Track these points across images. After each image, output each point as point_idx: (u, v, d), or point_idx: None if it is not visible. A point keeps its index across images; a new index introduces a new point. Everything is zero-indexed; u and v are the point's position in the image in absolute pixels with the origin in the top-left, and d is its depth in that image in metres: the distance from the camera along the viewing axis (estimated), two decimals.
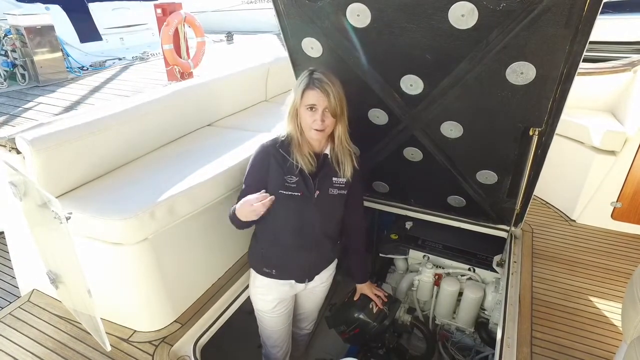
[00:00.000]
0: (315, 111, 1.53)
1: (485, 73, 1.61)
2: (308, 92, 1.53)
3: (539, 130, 1.72)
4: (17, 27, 5.74)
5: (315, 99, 1.52)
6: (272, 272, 1.76)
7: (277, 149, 1.60)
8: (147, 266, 1.66)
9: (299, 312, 2.09)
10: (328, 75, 1.55)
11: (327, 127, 1.57)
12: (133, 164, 1.97)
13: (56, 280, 1.80)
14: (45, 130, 1.57)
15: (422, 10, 1.51)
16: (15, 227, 1.98)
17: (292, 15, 1.80)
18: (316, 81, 1.52)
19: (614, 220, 2.33)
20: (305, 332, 2.23)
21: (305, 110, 1.54)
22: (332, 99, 1.52)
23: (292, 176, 1.59)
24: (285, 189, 1.59)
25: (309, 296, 1.99)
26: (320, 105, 1.52)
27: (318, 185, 1.63)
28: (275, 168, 1.60)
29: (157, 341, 1.74)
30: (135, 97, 2.11)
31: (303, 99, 1.54)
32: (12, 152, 1.56)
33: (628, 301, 1.10)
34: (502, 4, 1.37)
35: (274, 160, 1.60)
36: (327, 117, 1.55)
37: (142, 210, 1.55)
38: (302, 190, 1.61)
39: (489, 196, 2.17)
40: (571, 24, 1.34)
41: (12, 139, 1.53)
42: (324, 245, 1.79)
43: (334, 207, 1.73)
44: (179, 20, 5.36)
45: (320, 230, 1.72)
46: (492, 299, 2.25)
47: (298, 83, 1.57)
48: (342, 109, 1.59)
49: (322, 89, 1.51)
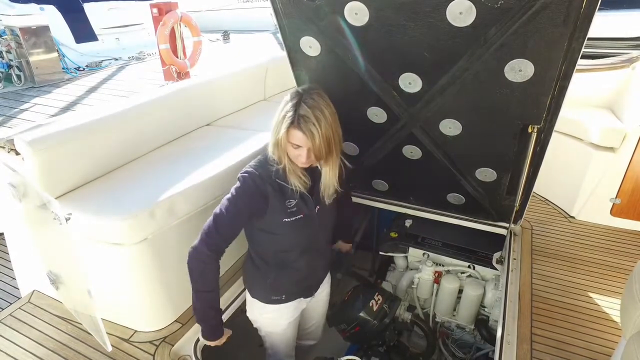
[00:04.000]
0: (301, 149, 1.40)
1: (484, 70, 1.61)
2: (292, 130, 1.37)
3: (538, 127, 1.72)
4: (11, 28, 5.71)
5: (298, 140, 1.38)
6: (282, 297, 1.69)
7: (274, 180, 1.47)
8: (147, 266, 1.66)
9: (308, 325, 2.08)
10: (317, 108, 1.37)
11: (313, 162, 1.46)
12: (132, 164, 1.97)
13: (56, 281, 1.80)
14: (44, 131, 1.57)
15: (420, 8, 1.51)
16: (15, 228, 1.98)
17: (290, 15, 1.79)
18: (301, 120, 1.35)
19: (613, 216, 2.34)
20: (311, 343, 2.21)
21: (289, 146, 1.41)
22: (317, 141, 1.36)
23: (292, 200, 1.50)
24: (288, 215, 1.50)
25: (316, 305, 1.98)
26: (304, 145, 1.39)
27: (315, 200, 1.58)
28: (275, 198, 1.47)
29: (158, 341, 1.74)
30: (133, 97, 2.11)
31: (288, 135, 1.39)
32: (11, 153, 1.56)
33: (627, 297, 1.10)
34: (500, 2, 1.37)
35: (272, 190, 1.47)
36: (311, 156, 1.42)
37: (141, 210, 1.55)
38: (304, 211, 1.53)
39: (488, 194, 2.18)
40: (569, 21, 1.35)
41: (10, 140, 1.53)
42: (327, 252, 1.80)
43: (333, 214, 1.71)
44: (175, 20, 5.35)
45: (324, 241, 1.74)
46: (492, 296, 2.26)
47: (284, 113, 1.39)
48: (329, 148, 1.41)
49: (307, 130, 1.35)
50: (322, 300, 2.00)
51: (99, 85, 6.01)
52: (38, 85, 5.96)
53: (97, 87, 5.92)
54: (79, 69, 6.89)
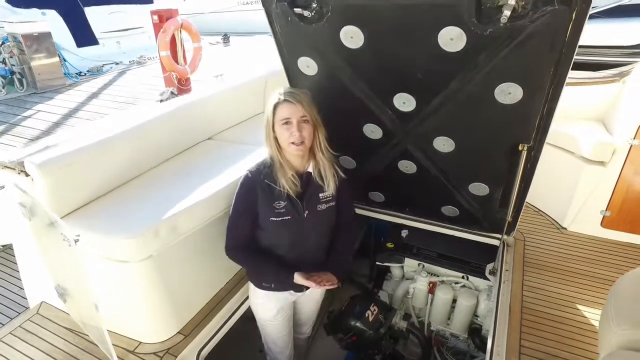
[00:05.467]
0: (291, 124, 1.54)
1: (475, 93, 1.67)
2: (280, 106, 1.55)
3: (528, 146, 1.78)
4: (14, 35, 5.77)
5: (288, 111, 1.54)
6: (271, 286, 1.82)
7: (262, 180, 1.63)
8: (152, 282, 1.73)
9: (298, 318, 2.17)
10: (297, 90, 1.63)
11: (306, 139, 1.57)
12: (136, 180, 2.03)
13: (64, 294, 1.87)
14: (52, 153, 1.64)
15: (413, 33, 1.57)
16: (23, 240, 2.04)
17: (288, 36, 1.86)
18: (286, 94, 1.56)
19: (604, 228, 2.40)
20: (304, 337, 2.31)
21: (280, 126, 1.55)
22: (305, 105, 1.55)
23: (280, 201, 1.63)
24: (276, 215, 1.64)
25: (306, 302, 2.07)
26: (294, 116, 1.54)
27: (306, 205, 1.68)
28: (262, 197, 1.63)
29: (162, 352, 1.80)
30: (136, 115, 2.17)
31: (276, 115, 1.56)
32: (21, 175, 1.62)
33: (603, 318, 1.16)
34: (489, 30, 1.43)
35: (260, 190, 1.63)
36: (304, 128, 1.55)
37: (146, 229, 1.61)
38: (292, 214, 1.65)
39: (482, 207, 2.24)
40: (555, 49, 1.41)
41: (21, 162, 1.59)
42: (318, 257, 1.86)
43: (326, 221, 1.79)
44: (175, 27, 5.39)
45: (314, 244, 1.80)
46: (484, 307, 2.33)
47: (269, 103, 1.59)
48: (316, 120, 1.61)
49: (293, 99, 1.55)
50: (313, 299, 2.07)
51: (100, 91, 6.07)
52: (40, 91, 6.03)
53: (98, 93, 5.98)
54: (80, 74, 6.95)
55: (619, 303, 1.13)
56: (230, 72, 5.65)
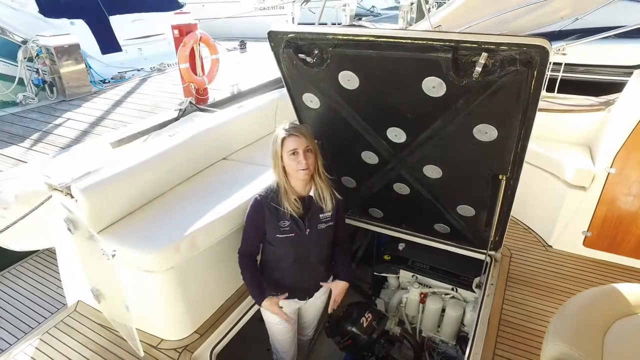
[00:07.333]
0: (298, 154, 1.80)
1: (456, 131, 1.89)
2: (287, 140, 1.81)
3: (506, 176, 2.00)
4: (47, 47, 6.22)
5: (294, 143, 1.80)
6: (278, 295, 2.07)
7: (269, 203, 1.91)
8: (173, 289, 2.02)
9: (302, 321, 2.43)
10: (298, 124, 1.94)
11: (311, 165, 1.84)
12: (160, 199, 2.32)
13: (99, 295, 2.18)
14: (93, 179, 1.95)
15: (400, 80, 1.80)
16: (64, 247, 2.37)
17: (293, 75, 2.11)
18: (291, 129, 1.83)
19: (586, 247, 2.57)
20: (307, 338, 2.57)
21: (288, 157, 1.81)
22: (308, 137, 1.84)
23: (285, 221, 1.91)
24: (281, 232, 1.92)
25: (309, 308, 2.33)
26: (300, 147, 1.80)
27: (308, 224, 1.95)
28: (269, 217, 1.91)
29: (180, 349, 2.09)
30: (161, 142, 2.47)
31: (284, 147, 1.82)
32: (67, 196, 1.94)
33: (546, 335, 1.37)
34: (464, 81, 1.65)
35: (267, 211, 1.91)
36: (309, 157, 1.83)
37: (169, 244, 1.90)
38: (295, 231, 1.93)
39: (469, 226, 2.45)
40: (521, 99, 1.62)
41: (68, 186, 1.91)
42: (319, 270, 2.12)
43: (325, 239, 2.06)
44: (194, 40, 5.72)
45: (315, 258, 2.06)
46: (470, 317, 2.53)
47: (275, 137, 1.86)
48: (316, 150, 1.89)
49: (298, 133, 1.82)
50: (316, 306, 2.33)
51: (123, 99, 6.45)
52: (69, 99, 6.45)
53: (121, 101, 6.37)
54: (105, 82, 7.38)
55: (559, 321, 1.33)
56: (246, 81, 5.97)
